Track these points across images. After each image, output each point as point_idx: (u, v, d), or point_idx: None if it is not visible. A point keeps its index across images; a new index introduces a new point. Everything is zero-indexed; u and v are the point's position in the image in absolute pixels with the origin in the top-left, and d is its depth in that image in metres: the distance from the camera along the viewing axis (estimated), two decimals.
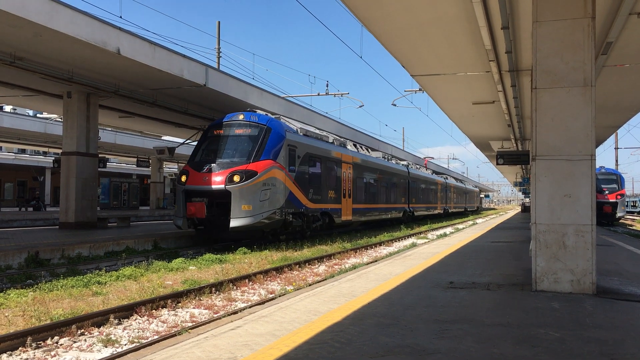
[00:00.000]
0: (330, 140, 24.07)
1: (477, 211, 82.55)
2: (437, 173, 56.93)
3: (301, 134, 20.53)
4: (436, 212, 47.51)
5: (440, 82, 15.60)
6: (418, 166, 46.21)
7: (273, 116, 19.83)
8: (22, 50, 15.52)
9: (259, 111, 19.26)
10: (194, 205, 16.85)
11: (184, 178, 17.54)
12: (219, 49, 29.50)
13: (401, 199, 35.18)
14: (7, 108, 39.58)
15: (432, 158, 62.30)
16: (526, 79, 14.24)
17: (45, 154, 51.52)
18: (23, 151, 54.00)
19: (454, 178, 67.15)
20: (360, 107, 34.14)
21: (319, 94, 31.01)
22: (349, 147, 26.77)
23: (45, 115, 35.76)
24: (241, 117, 18.48)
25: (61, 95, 20.67)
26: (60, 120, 29.99)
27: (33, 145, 40.22)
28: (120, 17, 31.27)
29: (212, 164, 17.33)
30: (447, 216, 53.37)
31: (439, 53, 12.65)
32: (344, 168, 24.16)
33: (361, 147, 29.80)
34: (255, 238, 18.53)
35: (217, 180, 16.85)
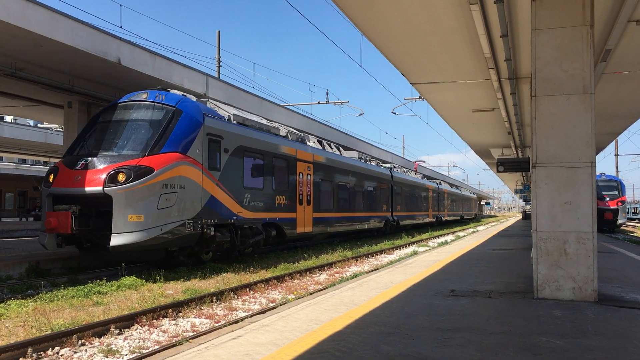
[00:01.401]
0: (283, 134, 19.61)
1: (475, 219, 78.79)
2: (429, 178, 52.95)
3: (234, 122, 16.16)
4: (427, 220, 43.24)
5: (439, 90, 15.63)
6: (406, 170, 42.02)
7: (199, 100, 15.85)
8: (22, 61, 15.57)
9: (174, 90, 15.17)
10: (56, 216, 12.32)
11: (51, 177, 13.06)
12: (219, 58, 29.58)
13: (382, 207, 30.74)
14: (8, 118, 39.69)
15: (423, 162, 58.27)
16: (526, 87, 14.26)
17: (46, 163, 51.59)
18: (24, 161, 54.08)
19: (449, 184, 63.03)
20: (360, 115, 34.17)
21: (319, 103, 31.02)
22: (310, 143, 22.25)
23: (45, 125, 35.83)
24: (144, 96, 14.26)
25: (62, 105, 20.68)
26: (60, 130, 30.06)
27: (34, 155, 40.30)
28: (121, 27, 31.26)
29: (91, 158, 12.87)
30: (440, 225, 49.15)
31: (438, 61, 12.69)
32: (300, 168, 19.75)
33: (329, 145, 25.43)
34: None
35: (93, 180, 12.37)
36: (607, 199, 33.58)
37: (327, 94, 30.41)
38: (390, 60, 12.48)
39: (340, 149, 27.00)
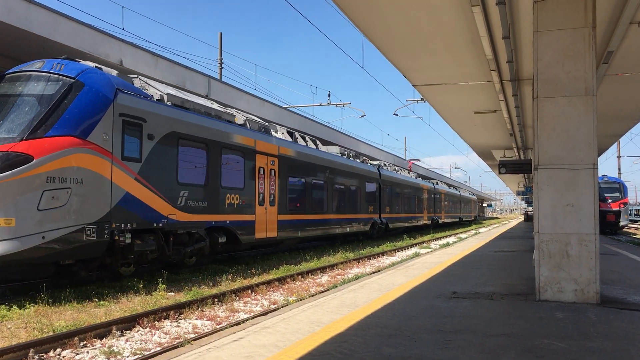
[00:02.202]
0: (240, 122, 16.65)
1: (475, 221, 75.97)
2: (424, 177, 50.27)
3: (168, 102, 13.19)
4: (421, 222, 40.36)
5: (441, 92, 15.63)
6: (398, 168, 38.91)
7: (121, 76, 12.36)
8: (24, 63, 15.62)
9: (87, 63, 11.94)
10: None
11: None
12: (220, 59, 29.62)
13: (368, 208, 27.74)
14: None
15: (418, 160, 55.01)
16: (528, 88, 14.26)
17: None
18: None
19: (447, 184, 60.26)
20: (362, 117, 34.17)
21: (320, 104, 31.01)
22: (278, 134, 19.38)
23: None
24: (38, 65, 11.25)
25: None
26: None
27: None
28: (123, 29, 31.42)
29: None
30: (436, 228, 45.79)
31: (440, 63, 12.69)
32: (260, 162, 16.68)
33: (303, 138, 22.26)
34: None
35: None
36: (610, 200, 33.54)
37: (329, 96, 30.43)
38: (391, 61, 12.49)
39: (318, 142, 23.79)
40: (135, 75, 13.55)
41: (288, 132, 20.53)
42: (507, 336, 5.80)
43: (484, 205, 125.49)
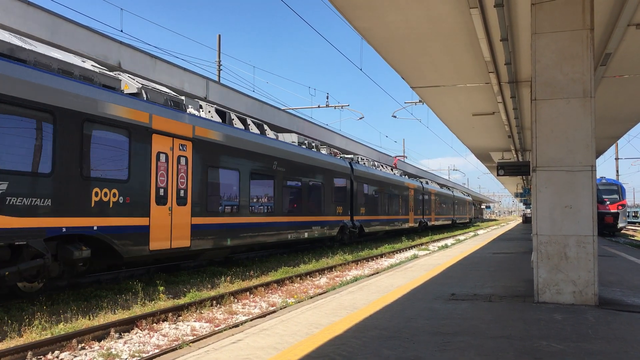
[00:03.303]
0: (133, 91, 12.45)
1: (471, 223, 73.00)
2: (412, 176, 46.86)
3: None
4: (407, 226, 35.95)
5: (440, 94, 15.64)
6: (377, 164, 34.34)
7: None
8: None
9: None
10: None
11: None
12: (219, 61, 29.60)
13: (336, 209, 23.35)
14: None
15: (405, 157, 49.93)
16: (526, 90, 14.28)
17: None
18: None
19: (438, 184, 56.62)
20: (361, 118, 34.17)
21: (319, 106, 31.00)
22: (198, 111, 14.94)
23: None
24: None
25: None
26: None
27: None
28: (121, 30, 31.42)
29: None
30: (425, 231, 42.23)
31: (438, 65, 12.70)
32: (161, 145, 12.33)
33: (244, 121, 17.35)
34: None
35: None
36: (608, 202, 33.59)
37: (327, 98, 30.43)
38: (390, 63, 12.50)
39: (266, 127, 18.81)
40: None
41: (218, 111, 16.09)
42: (505, 338, 5.81)
43: (482, 207, 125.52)
